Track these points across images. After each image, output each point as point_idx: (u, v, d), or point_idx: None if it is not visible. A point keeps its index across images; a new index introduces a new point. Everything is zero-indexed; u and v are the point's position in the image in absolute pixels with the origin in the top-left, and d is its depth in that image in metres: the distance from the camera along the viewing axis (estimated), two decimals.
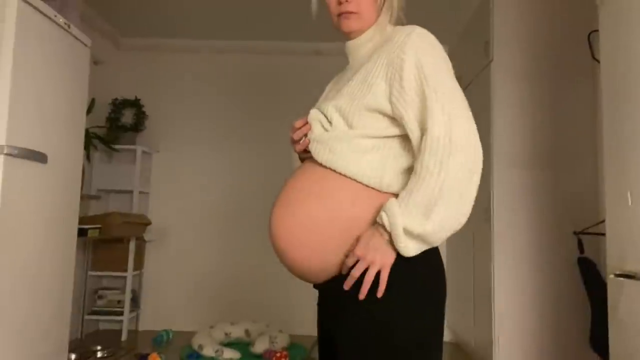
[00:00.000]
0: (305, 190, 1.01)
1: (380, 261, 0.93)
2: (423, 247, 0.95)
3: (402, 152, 1.01)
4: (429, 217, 0.91)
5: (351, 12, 1.09)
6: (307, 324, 3.73)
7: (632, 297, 1.58)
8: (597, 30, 1.90)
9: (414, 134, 0.97)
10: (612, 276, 1.68)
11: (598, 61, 2.05)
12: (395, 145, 1.01)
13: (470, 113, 0.97)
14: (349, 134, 1.01)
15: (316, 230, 0.97)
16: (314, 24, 3.60)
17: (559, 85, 2.75)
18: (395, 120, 1.00)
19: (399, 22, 1.14)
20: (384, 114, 1.00)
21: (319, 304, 1.12)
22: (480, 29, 3.04)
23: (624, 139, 1.65)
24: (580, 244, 2.53)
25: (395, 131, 1.00)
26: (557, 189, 2.70)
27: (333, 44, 3.80)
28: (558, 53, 2.76)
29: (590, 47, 2.66)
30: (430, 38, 1.03)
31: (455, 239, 3.55)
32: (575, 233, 2.56)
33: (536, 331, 2.64)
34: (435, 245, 0.97)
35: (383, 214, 0.93)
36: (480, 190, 0.99)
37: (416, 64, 0.97)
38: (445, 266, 1.06)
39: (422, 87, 0.96)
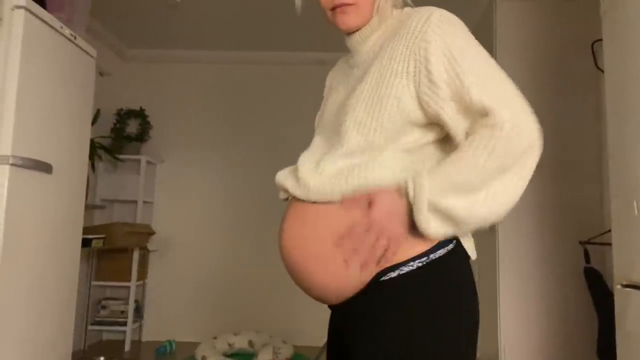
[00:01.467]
0: (319, 204, 0.90)
1: (391, 232, 0.82)
2: (448, 230, 0.83)
3: (438, 155, 0.91)
4: (460, 197, 0.81)
5: (347, 4, 0.94)
6: (311, 335, 3.70)
7: (639, 308, 1.56)
8: (600, 40, 1.90)
9: (458, 129, 0.85)
10: (619, 287, 1.66)
11: (602, 70, 2.05)
12: (429, 151, 0.90)
13: (514, 88, 0.87)
14: (372, 157, 0.87)
15: (331, 245, 0.86)
16: (317, 34, 3.63)
17: (562, 94, 2.75)
18: (429, 125, 0.88)
19: (406, 4, 1.01)
20: (415, 124, 0.88)
21: (331, 324, 1.03)
22: (483, 37, 3.04)
23: (629, 147, 1.64)
24: (586, 254, 2.51)
25: (429, 137, 0.90)
26: (562, 198, 2.68)
27: (336, 53, 3.80)
28: (561, 62, 2.76)
29: (594, 56, 2.66)
30: (454, 19, 0.90)
31: None
32: (581, 243, 2.55)
33: (542, 342, 2.61)
34: (461, 232, 0.85)
35: (409, 181, 0.82)
36: None
37: (444, 51, 0.85)
38: None
39: (458, 77, 0.83)
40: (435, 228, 0.82)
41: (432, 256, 0.86)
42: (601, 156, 2.65)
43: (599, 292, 2.40)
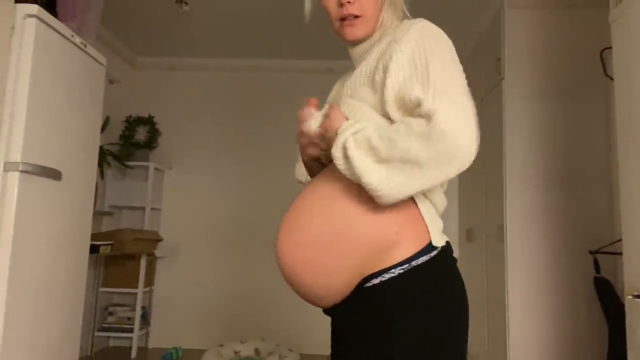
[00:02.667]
0: (310, 210, 0.95)
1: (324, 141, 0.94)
2: (346, 172, 0.86)
3: None
4: (367, 157, 0.83)
5: (355, 16, 0.99)
6: (317, 344, 3.69)
7: None
8: (610, 47, 1.89)
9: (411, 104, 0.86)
10: (629, 297, 1.64)
11: (611, 78, 2.03)
12: None
13: (467, 99, 0.85)
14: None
15: (319, 249, 0.91)
16: (326, 42, 3.64)
17: (571, 102, 2.73)
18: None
19: (405, 16, 1.05)
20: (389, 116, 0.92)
21: (331, 329, 1.07)
22: (492, 46, 3.04)
23: (639, 156, 1.63)
24: (596, 264, 2.48)
25: None
26: (571, 207, 2.66)
27: (345, 62, 3.82)
28: (570, 70, 2.75)
29: (603, 64, 2.65)
30: (435, 30, 0.92)
31: (468, 257, 3.51)
32: (590, 252, 2.52)
33: (552, 352, 2.58)
34: (357, 178, 0.85)
35: (347, 122, 0.89)
36: (494, 209, 0.96)
37: (412, 49, 0.88)
38: None
39: (414, 68, 0.87)
40: (338, 162, 0.87)
41: (413, 263, 0.88)
42: (611, 164, 2.63)
43: (609, 302, 2.37)
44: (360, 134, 0.85)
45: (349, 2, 0.98)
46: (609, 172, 2.64)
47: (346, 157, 0.86)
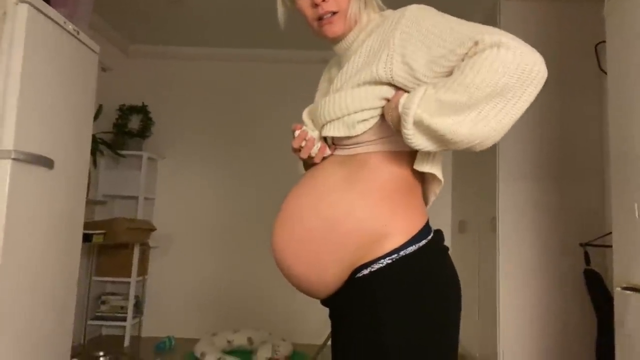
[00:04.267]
0: (302, 205, 0.97)
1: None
2: (433, 146, 0.84)
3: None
4: (446, 116, 0.80)
5: (333, 13, 0.98)
6: (310, 333, 3.71)
7: (638, 311, 1.56)
8: (604, 41, 1.90)
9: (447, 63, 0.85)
10: (618, 289, 1.66)
11: (605, 72, 2.04)
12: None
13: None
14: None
15: (312, 243, 0.93)
16: None
17: (565, 96, 2.74)
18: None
19: (377, 7, 1.05)
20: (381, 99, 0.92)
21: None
22: None
23: (631, 150, 1.64)
24: (586, 256, 2.51)
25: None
26: (563, 200, 2.68)
27: None
28: (565, 64, 2.76)
29: (597, 58, 2.66)
30: (431, 9, 0.93)
31: (461, 248, 3.53)
32: (581, 245, 2.55)
33: (542, 343, 2.61)
34: (448, 148, 0.84)
35: (402, 97, 0.85)
36: (486, 201, 0.97)
37: (413, 22, 0.89)
38: None
39: (428, 31, 0.87)
40: (419, 141, 0.84)
41: (402, 253, 0.89)
42: (603, 158, 2.65)
43: (599, 294, 2.41)
44: (424, 100, 0.82)
45: (323, 0, 0.97)
46: (601, 166, 2.66)
47: (426, 130, 0.82)
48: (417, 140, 0.84)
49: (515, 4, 2.82)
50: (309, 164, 1.08)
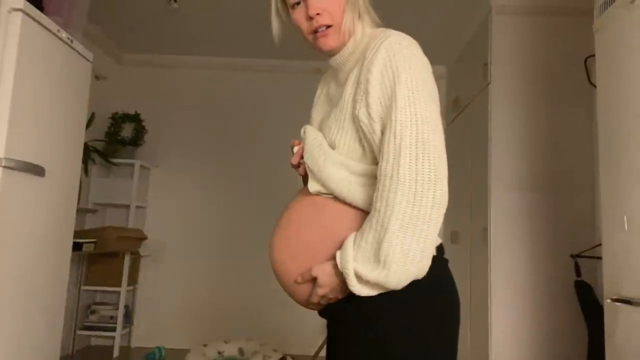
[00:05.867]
0: (300, 219, 0.98)
1: (335, 297, 0.93)
2: (380, 291, 0.86)
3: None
4: (378, 261, 0.83)
5: (327, 26, 0.98)
6: (302, 344, 3.69)
7: (628, 322, 1.57)
8: (593, 55, 1.92)
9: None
10: (608, 301, 1.67)
11: (595, 86, 2.07)
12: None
13: (438, 143, 0.86)
14: (338, 158, 0.95)
15: (310, 258, 0.94)
16: None
17: (556, 109, 2.77)
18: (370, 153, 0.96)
19: (373, 22, 1.04)
20: (363, 151, 0.95)
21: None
22: (479, 51, 3.08)
23: (620, 163, 1.66)
24: (577, 267, 2.52)
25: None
26: (554, 211, 2.70)
27: None
28: (555, 77, 2.79)
29: (587, 71, 2.69)
30: (403, 48, 0.90)
31: (453, 259, 3.53)
32: (572, 256, 2.56)
33: (533, 354, 2.61)
34: (396, 289, 0.85)
35: (338, 253, 0.87)
36: (478, 212, 0.98)
37: (384, 86, 0.88)
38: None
39: (388, 113, 0.87)
40: (367, 293, 0.86)
41: None
42: (593, 170, 2.67)
43: (589, 305, 2.41)
44: (360, 253, 0.85)
45: (318, 14, 0.97)
46: (592, 178, 2.68)
47: (370, 282, 0.85)
48: (366, 292, 0.89)
49: (506, 18, 2.86)
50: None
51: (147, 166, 4.10)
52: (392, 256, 0.82)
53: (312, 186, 0.98)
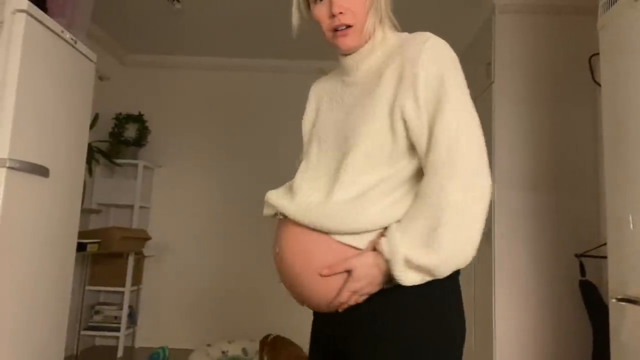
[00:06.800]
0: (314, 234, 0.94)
1: (367, 291, 0.90)
2: (425, 279, 0.87)
3: (411, 185, 0.95)
4: (430, 246, 0.85)
5: (348, 26, 0.98)
6: (305, 344, 3.68)
7: (634, 322, 1.56)
8: (598, 54, 1.92)
9: (422, 154, 0.92)
10: (613, 301, 1.66)
11: (599, 84, 2.06)
12: (408, 182, 0.95)
13: (482, 138, 0.91)
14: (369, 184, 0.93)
15: (335, 248, 0.91)
16: (318, 42, 3.64)
17: (560, 107, 2.76)
18: (410, 152, 0.94)
19: (393, 26, 1.05)
20: (405, 152, 0.94)
21: (319, 330, 1.06)
22: (483, 50, 3.07)
23: (626, 162, 1.65)
24: (581, 267, 2.51)
25: (411, 166, 0.95)
26: (558, 211, 2.69)
27: (336, 62, 3.83)
28: (559, 76, 2.78)
29: (591, 70, 2.68)
30: (446, 48, 0.96)
31: None
32: (576, 255, 2.55)
33: (537, 354, 2.60)
34: (441, 276, 0.88)
35: (383, 241, 0.87)
36: None
37: (432, 79, 0.91)
38: None
39: (436, 105, 0.90)
40: (412, 280, 0.87)
41: None
42: (598, 169, 2.66)
43: (594, 305, 2.40)
44: (408, 238, 0.86)
45: (340, 12, 0.97)
46: (596, 177, 2.67)
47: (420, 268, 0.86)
48: (410, 279, 0.88)
49: (509, 17, 2.85)
50: None
51: (150, 166, 4.10)
52: (444, 243, 0.84)
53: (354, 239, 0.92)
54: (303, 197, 0.96)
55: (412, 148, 0.94)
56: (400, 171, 0.94)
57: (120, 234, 3.42)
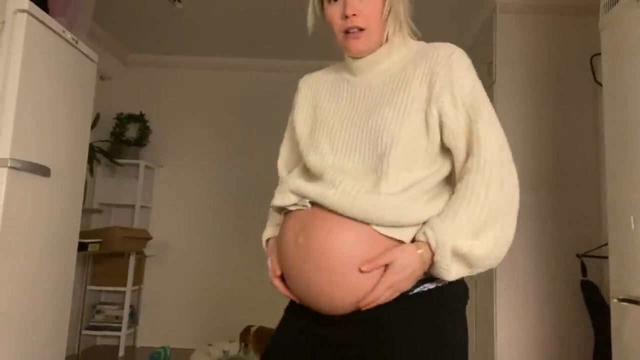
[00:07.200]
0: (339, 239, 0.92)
1: (400, 288, 0.89)
2: (465, 273, 0.90)
3: (442, 187, 1.00)
4: (477, 239, 0.88)
5: (360, 29, 0.98)
6: None
7: (635, 322, 1.56)
8: (599, 54, 1.91)
9: (461, 156, 0.95)
10: (615, 301, 1.66)
11: (600, 84, 2.06)
12: (441, 183, 1.00)
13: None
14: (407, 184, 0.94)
15: (375, 246, 0.90)
16: (319, 42, 3.64)
17: (561, 107, 2.76)
18: (444, 154, 0.99)
19: (413, 33, 1.06)
20: (439, 153, 0.98)
21: (306, 333, 0.99)
22: (484, 50, 3.06)
23: (626, 161, 1.65)
24: (583, 267, 2.51)
25: (445, 168, 0.99)
26: (560, 211, 2.68)
27: (338, 61, 3.83)
28: (561, 76, 2.78)
29: (593, 70, 2.68)
30: (470, 61, 1.01)
31: None
32: (578, 256, 2.54)
33: (539, 354, 2.60)
34: (476, 272, 0.91)
35: (428, 231, 0.88)
36: None
37: (467, 86, 0.96)
38: None
39: (474, 110, 0.94)
40: (455, 274, 0.89)
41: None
42: (599, 169, 2.66)
43: (596, 305, 2.40)
44: (454, 228, 0.89)
45: (354, 14, 0.97)
46: (597, 177, 2.67)
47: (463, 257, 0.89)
48: (454, 271, 0.91)
49: (511, 16, 2.85)
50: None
51: (151, 166, 4.11)
52: (491, 238, 0.89)
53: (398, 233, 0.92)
54: (347, 187, 0.92)
55: (444, 151, 0.98)
56: (434, 174, 0.97)
57: (121, 233, 3.43)
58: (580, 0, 2.76)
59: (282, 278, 1.03)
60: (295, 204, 1.00)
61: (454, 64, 0.97)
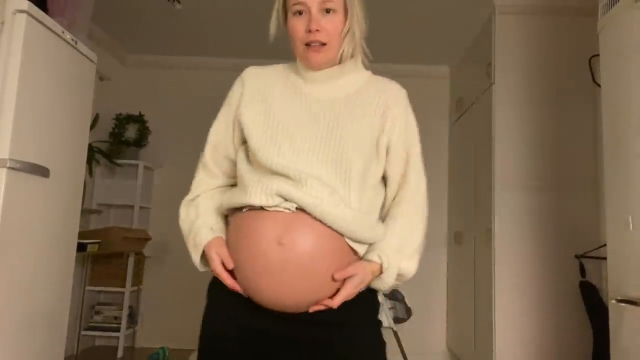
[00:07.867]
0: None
1: (351, 294, 1.01)
2: (394, 285, 1.07)
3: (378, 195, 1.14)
4: (411, 259, 1.06)
5: (322, 44, 1.05)
6: None
7: (634, 323, 1.56)
8: (598, 55, 1.92)
9: (395, 185, 1.11)
10: (613, 301, 1.66)
11: (599, 85, 2.06)
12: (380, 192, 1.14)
13: None
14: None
15: (345, 258, 1.02)
16: None
17: (560, 108, 2.76)
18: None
19: (365, 56, 1.14)
20: (379, 178, 1.12)
21: (256, 332, 1.08)
22: (483, 51, 3.07)
23: (625, 163, 1.65)
24: (581, 268, 2.51)
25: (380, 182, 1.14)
26: (558, 212, 2.69)
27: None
28: (559, 77, 2.79)
29: (591, 71, 2.68)
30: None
31: (457, 260, 3.53)
32: (576, 256, 2.55)
33: (537, 355, 2.61)
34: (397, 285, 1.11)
35: (383, 255, 1.02)
36: (482, 212, 1.00)
37: (413, 127, 1.12)
38: (445, 288, 1.17)
39: (411, 147, 1.11)
40: (390, 286, 1.06)
41: None
42: (598, 170, 2.66)
43: (594, 306, 2.41)
44: (398, 253, 1.06)
45: (317, 30, 1.04)
46: (596, 178, 2.67)
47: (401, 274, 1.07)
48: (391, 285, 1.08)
49: (510, 17, 2.85)
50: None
51: (151, 167, 4.11)
52: (418, 257, 1.08)
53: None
54: (319, 193, 0.98)
55: (382, 179, 1.12)
56: (380, 198, 1.11)
57: (120, 234, 3.43)
58: (579, 1, 2.77)
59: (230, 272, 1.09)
60: (276, 205, 1.00)
61: (406, 104, 1.13)
